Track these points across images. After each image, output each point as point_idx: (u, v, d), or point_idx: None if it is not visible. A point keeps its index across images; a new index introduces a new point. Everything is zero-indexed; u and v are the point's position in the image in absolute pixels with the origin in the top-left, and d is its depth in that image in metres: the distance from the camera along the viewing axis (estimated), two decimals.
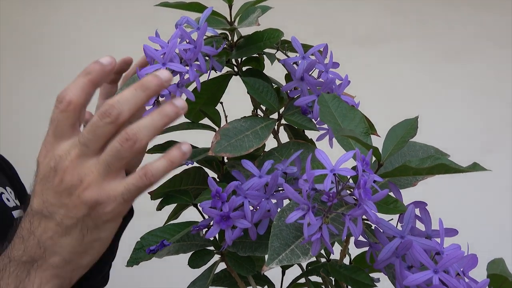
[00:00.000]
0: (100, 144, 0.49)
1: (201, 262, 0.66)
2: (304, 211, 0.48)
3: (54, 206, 0.50)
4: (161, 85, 0.49)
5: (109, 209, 0.49)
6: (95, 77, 0.51)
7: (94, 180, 0.49)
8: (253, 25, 0.62)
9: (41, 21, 2.02)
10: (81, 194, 0.49)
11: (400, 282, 0.52)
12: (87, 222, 0.50)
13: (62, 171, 0.49)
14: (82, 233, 0.50)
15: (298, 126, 0.65)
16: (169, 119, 0.49)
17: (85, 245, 0.51)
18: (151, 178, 0.49)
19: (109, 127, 0.48)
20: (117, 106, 0.48)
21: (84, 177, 0.49)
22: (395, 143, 0.56)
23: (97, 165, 0.49)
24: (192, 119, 0.73)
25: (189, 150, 0.50)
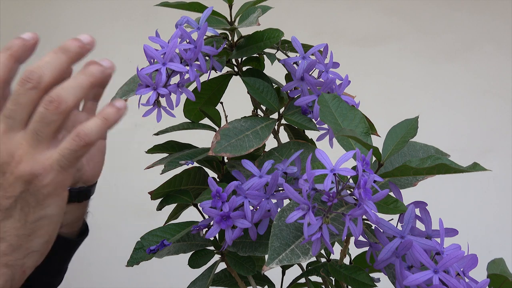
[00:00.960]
0: (26, 114, 0.46)
1: (201, 262, 0.66)
2: (304, 211, 0.48)
3: None
4: (83, 47, 0.47)
5: (48, 180, 0.46)
6: (16, 51, 0.48)
7: (25, 153, 0.46)
8: (253, 25, 0.62)
9: (41, 21, 2.02)
10: (14, 170, 0.46)
11: (400, 282, 0.52)
12: (27, 199, 0.46)
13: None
14: (24, 212, 0.47)
15: (298, 126, 0.65)
16: (95, 78, 0.47)
17: (30, 226, 0.47)
18: (84, 137, 0.46)
19: (31, 93, 0.46)
20: (37, 70, 0.46)
21: (15, 152, 0.46)
22: (395, 143, 0.56)
23: (25, 136, 0.46)
24: (192, 119, 0.74)
25: (123, 106, 0.47)
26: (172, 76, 0.59)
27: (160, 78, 0.58)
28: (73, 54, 0.47)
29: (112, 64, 0.48)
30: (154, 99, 0.58)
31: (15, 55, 0.48)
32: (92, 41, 0.48)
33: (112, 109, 0.47)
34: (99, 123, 0.46)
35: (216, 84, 0.71)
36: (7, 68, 0.48)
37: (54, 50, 0.47)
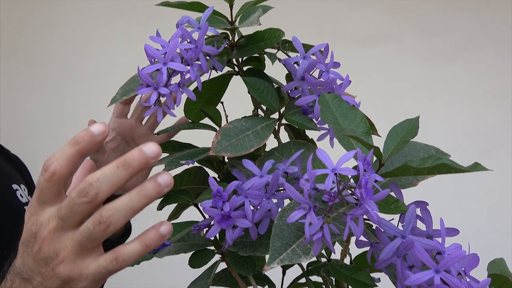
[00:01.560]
0: (77, 220, 0.49)
1: (202, 262, 0.66)
2: (306, 210, 0.48)
3: (32, 272, 0.50)
4: (147, 162, 0.46)
5: (81, 286, 0.50)
6: (83, 148, 0.48)
7: (68, 256, 0.49)
8: (254, 25, 0.62)
9: (41, 21, 2.02)
10: (56, 267, 0.49)
11: (401, 282, 0.52)
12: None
13: (41, 240, 0.49)
14: None
15: (298, 126, 0.65)
16: (149, 199, 0.47)
17: None
18: (122, 263, 0.48)
19: (86, 205, 0.47)
20: (95, 185, 0.47)
21: (60, 251, 0.49)
22: (396, 143, 0.56)
23: (71, 242, 0.49)
24: (192, 119, 0.73)
25: (168, 232, 0.48)
26: (173, 76, 0.59)
27: (161, 78, 0.58)
28: (135, 170, 0.46)
29: (170, 180, 0.46)
30: (155, 98, 0.58)
31: (82, 152, 0.48)
32: (158, 153, 0.46)
33: (156, 235, 0.47)
34: (139, 249, 0.48)
35: (217, 84, 0.71)
36: (72, 164, 0.49)
37: (117, 163, 0.46)
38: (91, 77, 1.96)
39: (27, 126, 1.98)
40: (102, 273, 0.49)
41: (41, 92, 1.98)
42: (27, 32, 2.00)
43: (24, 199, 0.90)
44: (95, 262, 0.49)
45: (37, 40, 2.00)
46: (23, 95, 1.98)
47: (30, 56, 2.00)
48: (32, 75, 1.99)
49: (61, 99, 1.99)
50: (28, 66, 2.00)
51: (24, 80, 1.99)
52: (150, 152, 0.45)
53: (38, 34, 2.00)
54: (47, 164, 0.49)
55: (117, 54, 1.94)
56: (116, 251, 0.48)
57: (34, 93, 1.98)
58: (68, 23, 2.00)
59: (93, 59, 1.97)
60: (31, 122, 1.98)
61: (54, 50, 2.00)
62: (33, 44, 2.00)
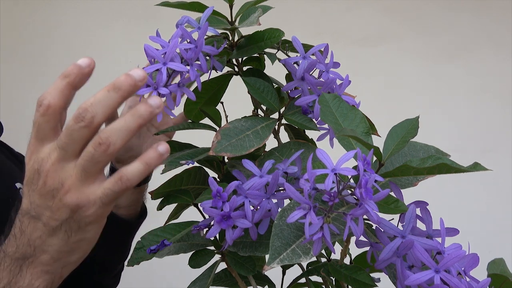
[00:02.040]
0: (78, 147, 0.50)
1: (202, 262, 0.66)
2: (306, 210, 0.48)
3: (40, 208, 0.51)
4: (135, 85, 0.49)
5: (90, 212, 0.51)
6: (73, 79, 0.50)
7: (73, 184, 0.50)
8: (254, 25, 0.62)
9: (42, 21, 2.02)
10: (63, 197, 0.50)
11: (401, 282, 0.52)
12: (70, 224, 0.51)
13: (44, 174, 0.50)
14: (67, 234, 0.52)
15: (298, 126, 0.65)
16: (143, 119, 0.49)
17: (71, 245, 0.52)
18: (126, 182, 0.50)
19: (84, 130, 0.49)
20: (90, 109, 0.49)
21: (65, 181, 0.50)
22: (396, 143, 0.56)
23: (75, 169, 0.50)
24: (192, 119, 0.73)
25: (166, 151, 0.50)
26: (172, 76, 0.59)
27: (161, 78, 0.58)
28: (125, 93, 0.49)
29: (160, 102, 0.49)
30: None
31: (72, 83, 0.50)
32: (145, 77, 0.49)
33: (154, 154, 0.49)
34: (141, 168, 0.49)
35: (217, 84, 0.71)
36: (65, 96, 0.50)
37: (107, 87, 0.49)
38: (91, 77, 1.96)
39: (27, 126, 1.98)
40: (109, 196, 0.50)
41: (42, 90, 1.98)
42: (27, 32, 2.00)
43: None
44: (100, 186, 0.50)
45: (37, 40, 2.00)
46: (23, 95, 1.98)
47: (30, 56, 2.00)
48: (32, 75, 1.99)
49: None
50: (28, 66, 2.00)
51: (24, 80, 1.99)
52: (137, 75, 0.48)
53: (38, 34, 2.00)
54: (40, 99, 0.50)
55: (117, 54, 1.94)
56: (120, 171, 0.50)
57: (34, 93, 1.98)
58: (68, 23, 2.00)
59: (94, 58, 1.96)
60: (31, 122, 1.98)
61: (54, 50, 2.00)
62: (33, 44, 2.00)
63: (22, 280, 0.53)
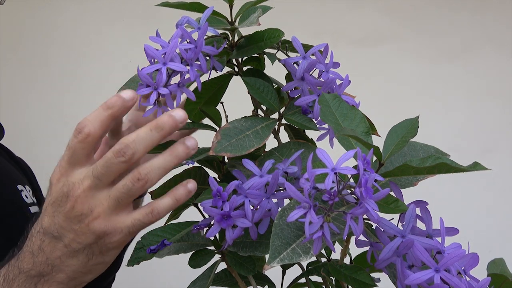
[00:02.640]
0: (112, 178, 0.52)
1: (202, 262, 0.66)
2: (306, 209, 0.48)
3: (63, 229, 0.52)
4: (176, 126, 0.51)
5: (115, 239, 0.53)
6: (116, 112, 0.52)
7: (104, 212, 0.52)
8: (253, 25, 0.62)
9: (42, 21, 2.02)
10: (90, 223, 0.52)
11: (402, 282, 0.52)
12: (93, 248, 0.53)
13: (74, 199, 0.52)
14: (88, 257, 0.54)
15: (298, 126, 0.65)
16: (180, 160, 0.52)
17: (89, 267, 0.54)
18: (156, 215, 0.53)
19: (122, 165, 0.51)
20: (132, 146, 0.50)
21: (95, 208, 0.52)
22: (396, 143, 0.56)
23: (107, 198, 0.52)
24: (192, 119, 0.73)
25: (194, 188, 0.53)
26: (172, 76, 0.59)
27: (161, 78, 0.58)
28: (166, 133, 0.51)
29: (196, 144, 0.53)
30: (155, 99, 0.58)
31: (114, 116, 0.52)
32: (185, 118, 0.52)
33: (184, 191, 0.53)
34: (171, 203, 0.53)
35: (217, 84, 0.71)
36: (105, 127, 0.52)
37: (151, 126, 0.51)
38: (91, 78, 1.96)
39: (27, 126, 1.98)
40: (137, 226, 0.53)
41: (42, 92, 1.98)
42: (27, 33, 2.00)
43: (29, 200, 0.91)
44: (130, 216, 0.53)
45: (37, 41, 2.00)
46: (24, 95, 1.98)
47: (30, 57, 2.00)
48: (32, 76, 1.99)
49: (61, 99, 1.99)
50: (28, 67, 2.00)
51: (24, 80, 1.99)
52: (178, 116, 0.51)
53: (38, 35, 2.00)
54: (80, 126, 0.52)
55: (117, 54, 1.95)
56: (151, 204, 0.53)
57: (34, 93, 1.98)
58: (68, 23, 2.01)
59: (93, 59, 1.97)
60: (31, 122, 1.98)
61: (54, 50, 2.00)
62: (33, 44, 2.00)
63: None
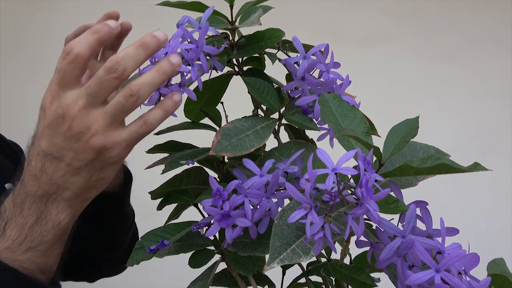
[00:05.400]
0: (105, 96, 0.54)
1: (202, 262, 0.66)
2: (307, 210, 0.48)
3: (63, 150, 0.55)
4: (159, 44, 0.54)
5: (114, 153, 0.56)
6: (103, 36, 0.55)
7: (101, 128, 0.54)
8: (254, 25, 0.62)
9: (41, 21, 2.02)
10: (89, 140, 0.54)
11: (402, 282, 0.52)
12: (94, 164, 0.56)
13: (70, 119, 0.54)
14: (90, 173, 0.56)
15: (299, 126, 0.65)
16: (167, 75, 0.55)
17: (92, 183, 0.57)
18: (149, 126, 0.56)
19: (114, 81, 0.53)
20: (122, 63, 0.53)
21: (91, 125, 0.54)
22: (396, 143, 0.56)
23: (103, 115, 0.54)
24: (192, 119, 0.73)
25: (180, 99, 0.57)
26: (173, 76, 0.59)
27: None
28: (151, 51, 0.55)
29: (180, 60, 0.56)
30: (156, 98, 0.58)
31: (101, 39, 0.55)
32: (166, 39, 0.55)
33: (171, 102, 0.56)
34: (161, 114, 0.56)
35: (217, 83, 0.71)
36: (92, 49, 0.55)
37: (136, 44, 0.54)
38: None
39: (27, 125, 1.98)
40: (133, 138, 0.56)
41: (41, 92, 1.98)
42: (28, 33, 2.00)
43: None
44: (125, 129, 0.56)
45: (37, 41, 2.00)
46: (24, 95, 1.98)
47: (30, 57, 2.00)
48: (33, 75, 1.99)
49: None
50: (28, 67, 2.00)
51: (24, 80, 1.99)
52: (160, 36, 0.55)
53: (38, 35, 2.00)
54: (68, 48, 0.54)
55: None
56: (143, 116, 0.56)
57: (35, 93, 1.98)
58: (68, 23, 2.00)
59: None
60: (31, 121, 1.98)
61: (54, 50, 2.00)
62: (33, 44, 2.00)
63: (49, 215, 0.57)
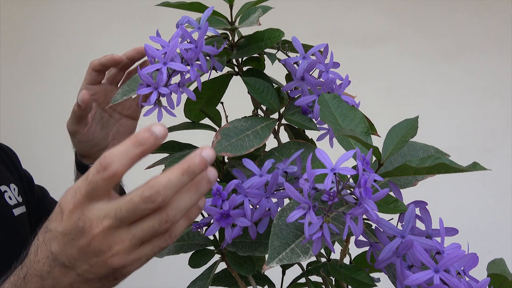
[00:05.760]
0: (134, 220, 0.49)
1: (202, 262, 0.66)
2: (305, 210, 0.48)
3: (77, 261, 0.51)
4: (206, 166, 0.48)
5: (133, 269, 0.52)
6: (147, 150, 0.48)
7: (124, 249, 0.50)
8: (254, 25, 0.62)
9: (41, 21, 2.02)
10: (109, 259, 0.50)
11: (401, 282, 0.53)
12: (108, 277, 0.52)
13: (91, 236, 0.49)
14: (101, 284, 0.52)
15: (298, 126, 0.65)
16: (202, 195, 0.50)
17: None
18: (174, 238, 0.51)
19: (149, 211, 0.48)
20: (163, 193, 0.48)
21: (114, 245, 0.50)
22: (395, 143, 0.56)
23: (130, 237, 0.50)
24: (192, 119, 0.74)
25: (203, 205, 0.52)
26: (173, 76, 0.59)
27: (161, 78, 0.58)
28: (195, 176, 0.49)
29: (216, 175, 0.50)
30: (155, 98, 0.58)
31: (145, 153, 0.48)
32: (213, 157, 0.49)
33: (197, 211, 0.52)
34: (186, 224, 0.52)
35: (217, 84, 0.71)
36: (133, 164, 0.49)
37: (182, 171, 0.48)
38: None
39: (27, 126, 1.98)
40: (156, 253, 0.51)
41: (41, 92, 1.98)
42: (28, 33, 2.00)
43: (13, 201, 0.88)
44: (149, 246, 0.51)
45: (37, 41, 2.00)
46: (23, 95, 1.98)
47: (30, 57, 2.00)
48: (33, 76, 1.99)
49: (61, 99, 1.99)
50: (28, 67, 2.00)
51: (24, 80, 1.99)
52: (209, 158, 0.48)
53: (38, 35, 2.00)
54: (107, 162, 0.48)
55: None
56: (171, 231, 0.51)
57: (34, 93, 1.98)
58: (68, 23, 2.01)
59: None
60: (31, 122, 1.98)
61: (54, 50, 2.00)
62: (33, 44, 2.00)
63: None
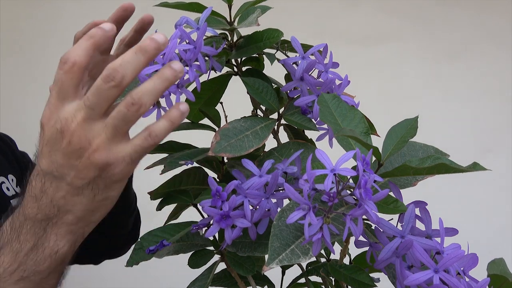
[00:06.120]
0: (105, 107, 0.50)
1: (201, 262, 0.66)
2: (305, 211, 0.48)
3: (63, 168, 0.51)
4: (159, 48, 0.50)
5: (118, 170, 0.51)
6: (98, 40, 0.51)
7: (103, 143, 0.50)
8: (253, 25, 0.62)
9: (42, 21, 2.02)
10: (91, 156, 0.50)
11: (401, 282, 0.52)
12: (97, 182, 0.51)
13: (69, 134, 0.50)
14: (93, 193, 0.52)
15: (298, 126, 0.65)
16: (169, 82, 0.51)
17: (95, 203, 0.53)
18: (155, 138, 0.51)
19: (113, 90, 0.49)
20: (120, 70, 0.49)
21: (93, 140, 0.50)
22: (395, 143, 0.56)
23: (104, 128, 0.50)
24: (192, 119, 0.73)
25: (187, 110, 0.52)
26: None
27: None
28: (151, 55, 0.51)
29: (182, 67, 0.52)
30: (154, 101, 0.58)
31: (97, 44, 0.51)
32: (166, 41, 0.51)
33: (177, 112, 0.52)
34: (167, 125, 0.52)
35: (216, 84, 0.71)
36: (89, 56, 0.51)
37: (134, 50, 0.50)
38: None
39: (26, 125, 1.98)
40: (138, 152, 0.51)
41: (41, 92, 1.98)
42: (27, 33, 2.00)
43: (11, 192, 0.88)
44: (129, 143, 0.51)
45: (37, 41, 2.00)
46: (23, 95, 1.98)
47: (30, 57, 2.00)
48: (32, 76, 1.99)
49: None
50: (28, 67, 2.00)
51: (24, 80, 1.99)
52: (160, 39, 0.50)
53: (38, 35, 2.00)
54: (65, 57, 0.51)
55: None
56: (148, 128, 0.51)
57: (35, 93, 1.98)
58: (68, 23, 2.00)
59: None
60: (30, 122, 1.98)
61: (54, 50, 2.00)
62: (33, 44, 2.00)
63: (47, 241, 0.53)
